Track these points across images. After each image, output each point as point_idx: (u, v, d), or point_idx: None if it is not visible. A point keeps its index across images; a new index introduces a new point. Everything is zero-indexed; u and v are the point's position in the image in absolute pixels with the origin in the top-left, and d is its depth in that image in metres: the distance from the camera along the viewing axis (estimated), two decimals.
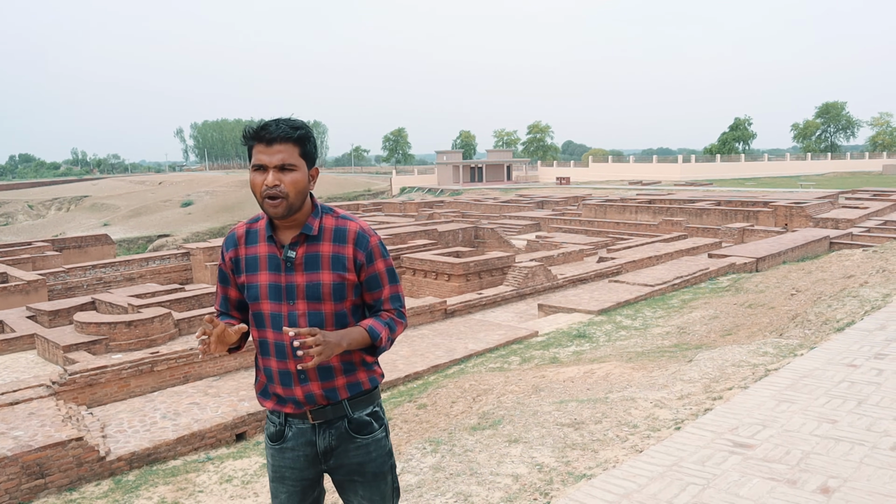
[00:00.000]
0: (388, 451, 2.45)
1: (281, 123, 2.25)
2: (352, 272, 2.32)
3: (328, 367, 2.32)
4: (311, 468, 2.42)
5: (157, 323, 17.31)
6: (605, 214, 36.77)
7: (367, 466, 2.38)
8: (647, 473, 3.85)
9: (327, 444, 2.38)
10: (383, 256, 2.39)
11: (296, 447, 2.40)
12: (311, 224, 2.32)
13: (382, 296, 2.38)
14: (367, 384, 2.39)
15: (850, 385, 5.31)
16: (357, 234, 2.34)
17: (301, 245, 2.31)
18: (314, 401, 2.35)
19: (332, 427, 2.37)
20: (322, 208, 2.39)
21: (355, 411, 2.37)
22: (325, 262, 2.30)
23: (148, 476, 7.89)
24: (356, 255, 2.33)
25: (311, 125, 65.51)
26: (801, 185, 53.21)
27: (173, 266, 30.38)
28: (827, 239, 24.16)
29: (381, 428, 2.42)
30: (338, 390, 2.34)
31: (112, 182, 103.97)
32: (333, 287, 2.29)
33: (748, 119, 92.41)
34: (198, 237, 56.79)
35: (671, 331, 12.84)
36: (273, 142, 2.22)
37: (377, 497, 2.42)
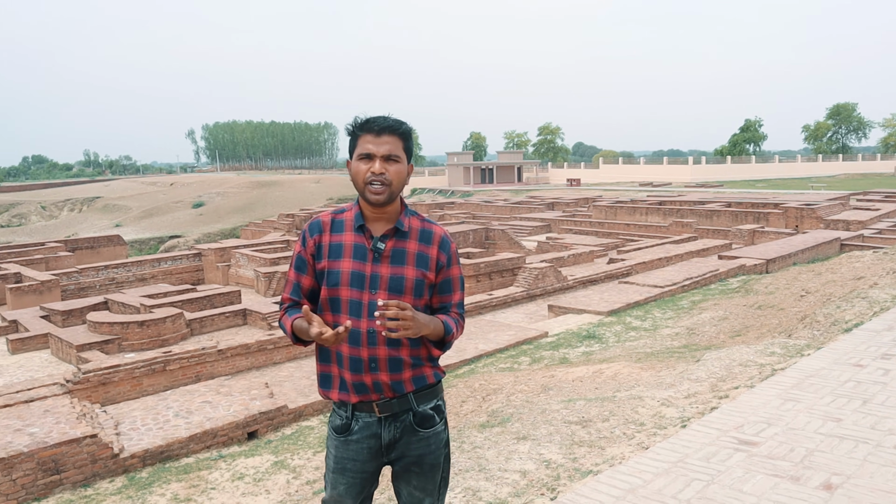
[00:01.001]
0: (445, 442, 2.54)
1: (388, 118, 2.40)
2: (432, 272, 2.44)
3: (398, 359, 2.38)
4: (373, 461, 2.48)
5: (169, 323, 17.45)
6: (616, 216, 36.74)
7: (426, 458, 2.46)
8: (653, 469, 3.90)
9: (392, 437, 2.44)
10: (458, 264, 2.53)
11: (361, 440, 2.45)
12: (404, 221, 2.44)
13: (452, 300, 2.49)
14: (431, 378, 2.48)
15: (856, 384, 5.34)
16: (442, 238, 2.48)
17: (391, 239, 2.42)
18: (380, 390, 2.40)
19: (398, 420, 2.44)
20: (409, 210, 2.51)
21: (420, 405, 2.45)
22: (410, 258, 2.41)
23: (161, 473, 7.99)
24: (439, 257, 2.45)
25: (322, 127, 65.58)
26: (812, 186, 52.97)
27: (185, 267, 30.59)
28: (838, 241, 24.06)
29: (442, 421, 2.51)
30: (404, 383, 2.41)
31: (124, 183, 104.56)
32: (415, 283, 2.39)
33: (759, 120, 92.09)
34: (209, 238, 57.05)
35: (680, 332, 12.86)
36: (382, 132, 2.36)
37: (430, 486, 2.51)
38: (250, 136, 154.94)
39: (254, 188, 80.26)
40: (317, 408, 10.07)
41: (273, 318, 18.68)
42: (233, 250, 30.20)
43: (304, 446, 8.58)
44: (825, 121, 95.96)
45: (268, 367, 12.99)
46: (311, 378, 11.37)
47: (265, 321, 18.56)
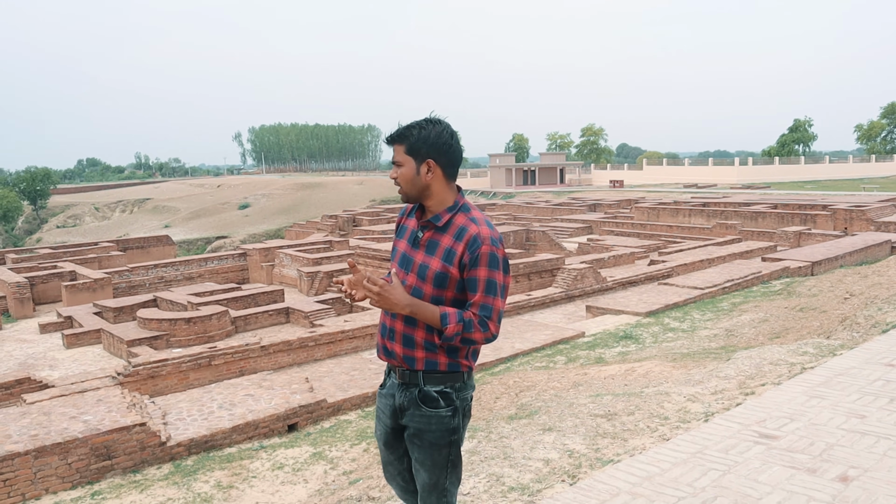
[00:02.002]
0: (451, 429, 2.70)
1: (399, 128, 2.69)
2: (455, 268, 2.59)
3: (410, 337, 2.66)
4: (392, 418, 2.81)
5: (214, 320, 17.93)
6: (658, 217, 36.44)
7: (425, 434, 2.68)
8: (671, 459, 4.02)
9: (401, 402, 2.74)
10: (488, 266, 2.56)
11: (386, 395, 2.84)
12: (441, 216, 2.66)
13: (473, 300, 2.58)
14: (443, 367, 2.67)
15: (885, 383, 5.36)
16: (472, 237, 2.58)
17: (428, 230, 2.69)
18: (396, 358, 2.72)
19: (408, 390, 2.72)
20: (461, 207, 2.69)
21: (427, 384, 2.68)
22: (440, 251, 2.62)
23: (205, 461, 8.31)
24: (463, 255, 2.58)
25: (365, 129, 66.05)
26: (863, 187, 51.71)
27: (231, 266, 31.26)
28: (888, 243, 23.50)
29: (449, 407, 2.68)
30: (416, 361, 2.67)
31: (173, 185, 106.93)
32: (437, 274, 2.60)
33: (809, 120, 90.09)
34: (254, 238, 58.06)
35: (719, 333, 12.80)
36: (391, 143, 2.72)
37: (429, 463, 2.71)
38: (295, 138, 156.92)
39: (298, 190, 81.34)
40: (355, 402, 10.32)
41: (315, 317, 19.04)
42: (277, 250, 30.77)
43: (342, 439, 8.82)
44: (879, 120, 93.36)
45: (308, 363, 13.31)
46: (349, 374, 11.64)
47: (307, 319, 18.93)
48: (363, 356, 13.39)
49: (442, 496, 2.76)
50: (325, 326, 14.88)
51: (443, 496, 2.76)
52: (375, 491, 4.99)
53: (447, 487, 2.76)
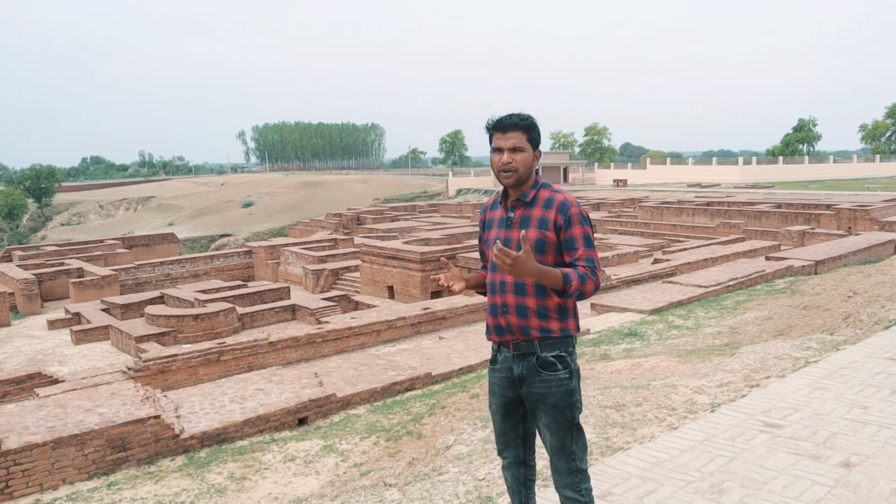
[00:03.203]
0: (570, 391, 2.90)
1: (513, 116, 2.90)
2: (552, 232, 2.87)
3: (523, 306, 2.87)
4: (511, 389, 2.99)
5: (221, 317, 18.09)
6: (662, 217, 36.53)
7: (547, 398, 2.86)
8: (680, 447, 4.16)
9: (520, 372, 2.92)
10: (581, 224, 2.88)
11: (501, 370, 3.01)
12: (528, 193, 2.94)
13: (577, 255, 2.85)
14: (556, 332, 2.88)
15: (887, 376, 5.49)
16: (561, 202, 2.89)
17: (519, 209, 2.95)
18: (512, 331, 2.91)
19: (525, 360, 2.91)
20: (542, 184, 2.99)
21: (543, 351, 2.88)
22: (533, 222, 2.90)
23: (218, 454, 8.46)
24: (557, 219, 2.87)
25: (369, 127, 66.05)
26: (868, 187, 51.72)
27: (236, 264, 31.44)
28: (892, 242, 23.56)
29: (566, 370, 2.89)
30: (531, 329, 2.88)
31: (177, 183, 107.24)
32: (536, 242, 2.85)
33: (813, 120, 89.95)
34: (258, 237, 58.23)
35: (723, 331, 12.91)
36: (508, 129, 2.89)
37: (554, 426, 2.90)
38: (299, 137, 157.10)
39: (302, 188, 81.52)
40: (363, 397, 10.46)
41: (321, 314, 19.20)
42: (282, 248, 30.92)
43: (352, 432, 8.96)
44: (884, 120, 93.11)
45: (316, 359, 13.46)
46: (357, 369, 11.77)
47: (313, 316, 19.08)
48: (370, 352, 13.52)
49: (571, 459, 2.92)
50: (331, 323, 15.02)
51: (572, 459, 2.92)
52: (391, 479, 5.12)
53: (574, 451, 2.92)
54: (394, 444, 8.22)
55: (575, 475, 2.92)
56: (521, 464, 3.10)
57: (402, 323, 15.02)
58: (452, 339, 14.11)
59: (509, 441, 3.08)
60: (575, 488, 2.92)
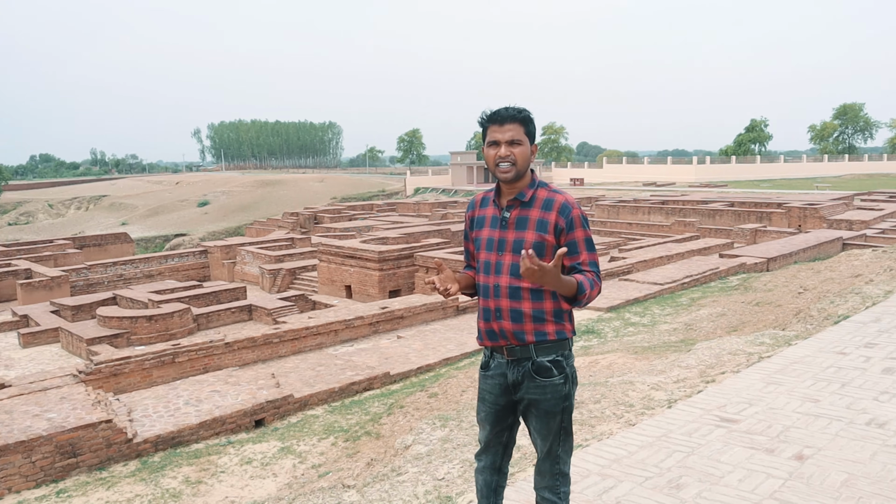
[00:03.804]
0: (564, 396, 2.84)
1: (510, 108, 2.79)
2: (551, 235, 2.76)
3: (518, 311, 2.76)
4: (504, 395, 2.89)
5: (176, 318, 17.77)
6: (618, 215, 36.97)
7: (541, 404, 2.79)
8: (638, 443, 4.18)
9: (515, 378, 2.83)
10: (583, 227, 2.79)
11: (495, 376, 2.90)
12: (525, 192, 2.82)
13: (580, 259, 2.76)
14: (552, 336, 2.79)
15: (837, 370, 5.61)
16: (562, 204, 2.78)
17: (515, 209, 2.82)
18: (505, 336, 2.81)
19: (520, 365, 2.82)
20: (539, 183, 2.86)
21: (539, 355, 2.79)
22: (531, 224, 2.78)
23: (172, 457, 8.29)
24: (558, 221, 2.76)
25: (326, 126, 65.75)
26: (817, 186, 53.04)
27: (191, 264, 30.93)
28: (840, 240, 24.19)
29: (561, 375, 2.81)
30: (525, 334, 2.78)
31: (130, 182, 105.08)
32: (534, 245, 2.74)
33: (764, 120, 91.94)
34: (214, 236, 57.40)
35: (678, 327, 13.10)
36: (505, 122, 2.77)
37: (545, 431, 2.85)
38: (255, 135, 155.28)
39: (258, 187, 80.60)
40: (321, 398, 10.36)
41: (278, 314, 18.99)
42: (238, 248, 30.53)
43: (310, 433, 8.86)
44: (831, 121, 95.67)
45: (273, 359, 13.29)
46: (315, 370, 11.66)
47: (270, 316, 18.87)
48: (328, 352, 13.41)
49: (555, 462, 2.89)
50: (288, 323, 14.86)
51: (556, 463, 2.89)
52: (349, 480, 5.07)
53: (560, 455, 2.89)
54: (352, 444, 8.15)
55: (557, 478, 2.90)
56: (496, 470, 3.05)
57: (360, 322, 14.92)
58: (411, 339, 14.07)
59: (490, 447, 3.03)
60: (554, 491, 2.90)
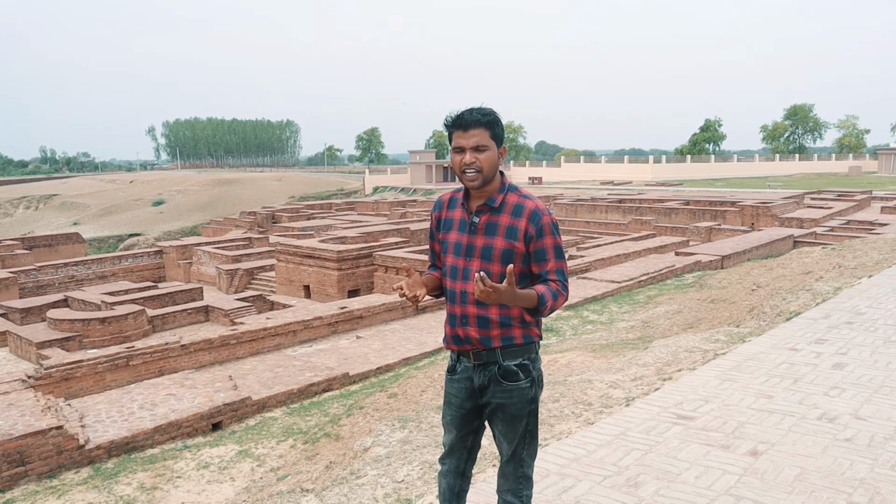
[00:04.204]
0: (530, 399, 2.82)
1: (474, 112, 2.71)
2: (521, 242, 2.71)
3: (485, 317, 2.73)
4: (470, 399, 2.85)
5: (130, 320, 17.42)
6: (576, 214, 37.29)
7: (507, 408, 2.77)
8: (596, 441, 4.21)
9: (481, 382, 2.80)
10: (552, 234, 2.74)
11: (461, 380, 2.87)
12: (495, 198, 2.75)
13: (548, 267, 2.72)
14: (519, 339, 2.76)
15: (789, 366, 5.72)
16: (532, 211, 2.72)
17: (485, 214, 2.76)
18: (471, 342, 2.78)
19: (487, 369, 2.78)
20: (509, 187, 2.80)
21: (506, 360, 2.75)
22: (501, 230, 2.72)
23: (126, 463, 8.11)
24: (528, 228, 2.70)
25: (284, 124, 65.25)
26: (769, 185, 54.21)
27: (146, 264, 30.35)
28: (791, 238, 24.72)
29: (528, 379, 2.78)
30: (492, 339, 2.75)
31: (82, 181, 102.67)
32: (503, 251, 2.70)
33: (718, 120, 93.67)
34: (170, 236, 56.41)
35: (636, 325, 13.26)
36: (469, 127, 2.69)
37: (510, 434, 2.82)
38: (211, 133, 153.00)
39: (215, 186, 79.44)
40: (280, 399, 10.24)
41: (235, 315, 18.73)
42: (194, 248, 30.06)
43: (268, 436, 8.76)
44: (783, 121, 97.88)
45: (231, 361, 13.10)
46: (273, 371, 11.53)
47: (227, 317, 18.61)
48: (286, 353, 13.27)
49: (519, 466, 2.87)
50: (246, 324, 14.66)
51: (520, 466, 2.87)
52: (308, 483, 5.01)
53: (524, 458, 2.87)
54: (311, 446, 8.07)
55: (520, 481, 2.89)
56: (459, 475, 3.02)
57: (319, 323, 14.80)
58: (370, 339, 14.00)
59: (455, 451, 3.00)
60: (517, 494, 2.89)
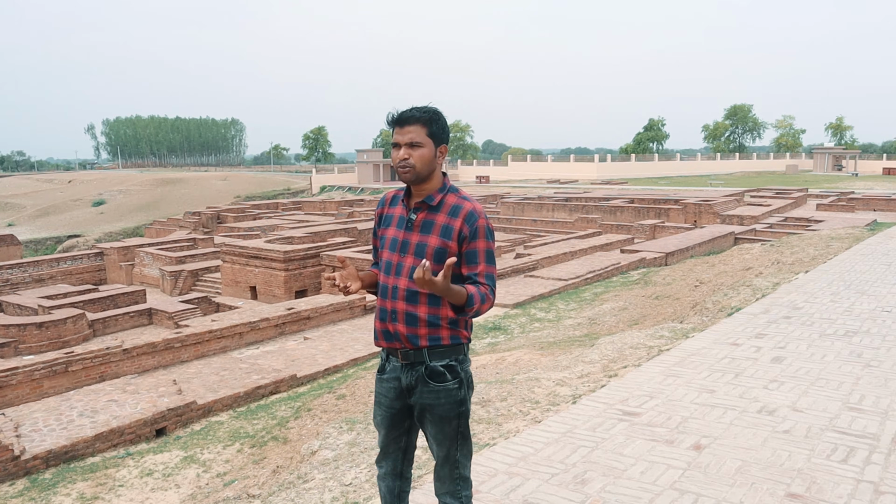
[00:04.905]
0: (459, 401, 2.79)
1: (414, 109, 2.74)
2: (454, 242, 2.71)
3: (414, 315, 2.73)
4: (399, 399, 2.85)
5: (70, 324, 16.93)
6: (523, 212, 37.59)
7: (435, 409, 2.75)
8: (544, 440, 4.24)
9: (409, 382, 2.80)
10: (486, 238, 2.74)
11: (390, 379, 2.87)
12: (434, 196, 2.78)
13: (478, 270, 2.71)
14: (447, 340, 2.75)
15: (730, 361, 5.86)
16: (469, 212, 2.73)
17: (422, 212, 2.78)
18: (400, 339, 2.77)
19: (414, 370, 2.77)
20: (450, 188, 2.82)
21: (432, 360, 2.74)
22: (436, 229, 2.73)
23: (65, 473, 7.87)
24: (462, 229, 2.71)
25: (229, 123, 64.15)
26: (710, 183, 55.49)
27: (86, 266, 29.55)
28: (732, 234, 25.35)
29: (455, 380, 2.76)
30: (419, 338, 2.73)
31: (17, 180, 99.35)
32: (436, 250, 2.70)
33: (662, 120, 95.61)
34: (111, 237, 54.99)
35: (582, 322, 13.42)
36: (405, 123, 2.72)
37: (440, 436, 2.81)
38: (154, 131, 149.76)
39: (158, 186, 77.78)
40: (226, 403, 10.07)
41: (179, 317, 18.36)
42: (137, 249, 29.39)
43: (214, 441, 8.60)
44: (723, 121, 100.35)
45: (175, 365, 12.84)
46: (219, 374, 11.33)
47: (172, 320, 18.23)
48: (233, 355, 13.06)
49: (454, 468, 2.86)
50: (191, 327, 14.38)
51: (455, 468, 2.86)
52: (254, 489, 4.93)
53: (458, 459, 2.86)
54: (259, 450, 7.96)
55: (457, 483, 2.88)
56: (397, 476, 3.01)
57: (266, 324, 14.60)
58: (318, 340, 13.88)
59: (389, 452, 2.99)
60: (455, 496, 2.89)
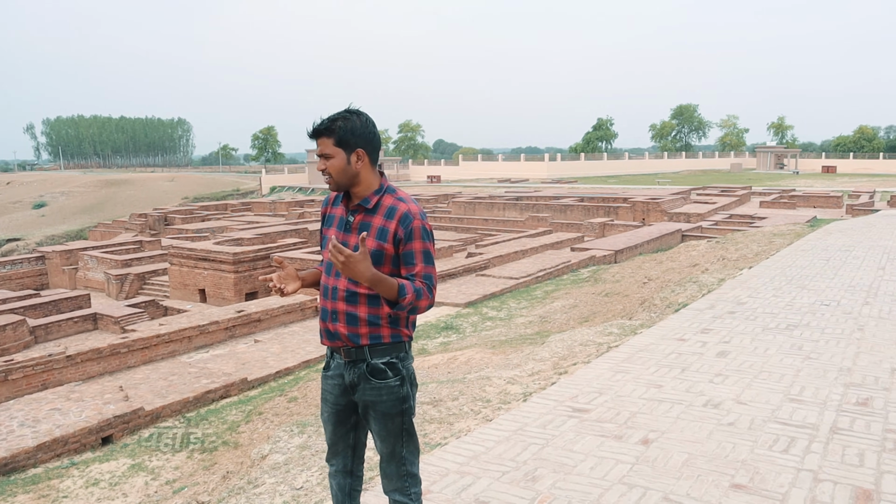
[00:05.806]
0: (402, 398, 2.80)
1: (323, 120, 2.74)
2: (390, 244, 2.72)
3: (354, 315, 2.76)
4: (344, 396, 2.88)
5: (9, 331, 16.42)
6: (474, 212, 37.75)
7: (377, 405, 2.78)
8: (495, 438, 4.26)
9: (351, 380, 2.82)
10: (422, 239, 2.75)
11: (334, 377, 2.89)
12: (370, 199, 2.80)
13: (415, 271, 2.73)
14: (387, 338, 2.78)
15: (677, 356, 5.98)
16: (404, 213, 2.74)
17: (359, 214, 2.80)
18: (340, 338, 2.80)
19: (356, 367, 2.80)
20: (387, 189, 2.84)
21: (373, 358, 2.77)
22: (373, 231, 2.75)
23: (5, 486, 7.63)
24: (397, 231, 2.72)
25: (175, 123, 62.95)
26: (658, 182, 56.58)
27: (27, 271, 28.72)
28: (679, 232, 25.83)
29: (397, 377, 2.77)
30: (360, 337, 2.77)
31: None
32: (373, 253, 2.70)
33: (610, 119, 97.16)
34: (53, 240, 53.49)
35: (534, 320, 13.54)
36: (316, 136, 2.76)
37: (384, 432, 2.81)
38: (97, 131, 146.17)
39: (102, 187, 75.96)
40: (175, 408, 9.89)
41: (126, 322, 17.95)
42: (80, 252, 28.65)
43: (163, 447, 8.44)
44: (670, 120, 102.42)
45: (122, 371, 12.55)
46: (167, 379, 11.12)
47: (118, 325, 17.81)
48: (182, 360, 12.83)
49: (401, 465, 2.85)
50: (138, 331, 14.07)
51: (402, 465, 2.85)
52: (204, 496, 4.85)
53: (405, 456, 2.85)
54: (209, 456, 7.84)
55: (405, 479, 2.88)
56: (348, 473, 3.02)
57: (215, 327, 14.38)
58: (268, 342, 13.73)
59: (339, 450, 3.00)
60: (404, 492, 2.89)
